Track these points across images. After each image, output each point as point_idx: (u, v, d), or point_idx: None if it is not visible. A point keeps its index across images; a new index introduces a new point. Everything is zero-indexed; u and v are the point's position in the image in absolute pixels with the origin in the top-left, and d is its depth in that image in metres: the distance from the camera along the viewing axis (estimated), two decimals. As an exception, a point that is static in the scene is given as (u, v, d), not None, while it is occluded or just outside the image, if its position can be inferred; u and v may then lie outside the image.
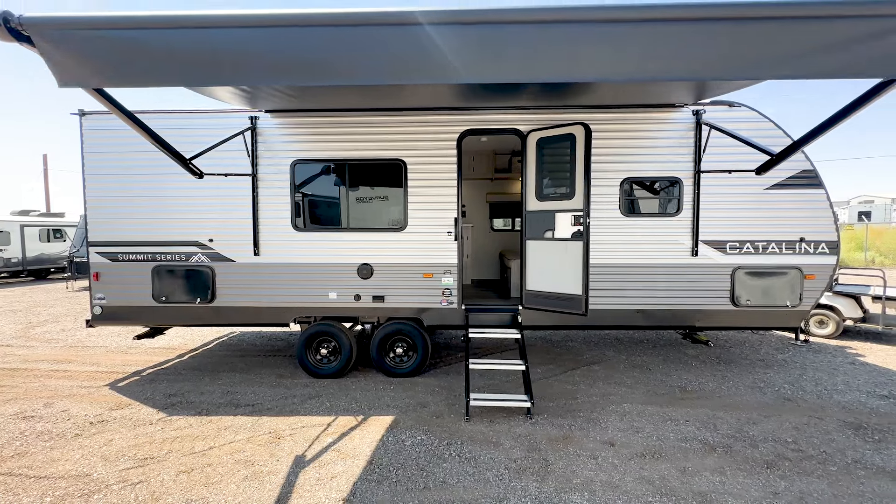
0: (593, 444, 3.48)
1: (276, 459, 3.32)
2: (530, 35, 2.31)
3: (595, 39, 2.29)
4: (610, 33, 2.25)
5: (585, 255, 4.47)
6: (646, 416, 3.98)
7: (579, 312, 4.53)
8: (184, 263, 5.09)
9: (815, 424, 3.76)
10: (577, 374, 5.16)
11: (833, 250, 4.84)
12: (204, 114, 4.97)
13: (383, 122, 4.94)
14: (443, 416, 4.05)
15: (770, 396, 4.40)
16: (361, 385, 4.88)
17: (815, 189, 4.79)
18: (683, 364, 5.44)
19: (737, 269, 4.85)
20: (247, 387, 4.90)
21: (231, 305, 5.12)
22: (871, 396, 4.35)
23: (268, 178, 5.04)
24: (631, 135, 4.85)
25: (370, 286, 5.02)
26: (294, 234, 5.04)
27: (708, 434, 3.62)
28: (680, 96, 4.54)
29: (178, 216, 5.08)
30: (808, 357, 5.66)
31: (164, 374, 5.41)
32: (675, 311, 4.93)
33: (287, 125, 5.01)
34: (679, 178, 4.84)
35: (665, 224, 4.88)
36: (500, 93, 4.50)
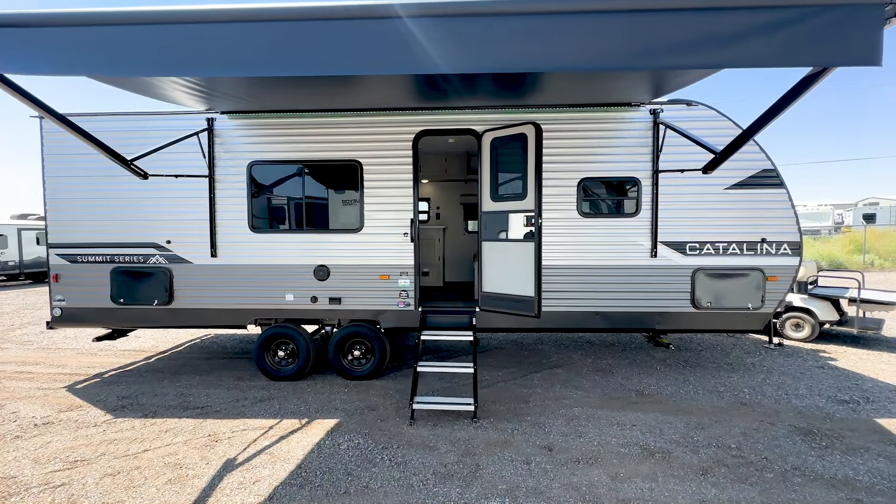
0: (531, 448, 3.41)
1: (207, 463, 3.28)
2: (441, 26, 2.28)
3: (514, 31, 2.25)
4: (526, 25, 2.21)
5: (537, 256, 4.40)
6: (594, 420, 3.90)
7: (532, 314, 4.46)
8: (142, 265, 5.09)
9: (765, 430, 3.65)
10: (537, 377, 5.08)
11: (795, 251, 4.73)
12: (160, 115, 4.99)
13: (339, 123, 4.92)
14: (388, 419, 3.99)
15: (727, 401, 4.30)
16: (317, 388, 4.84)
17: (776, 189, 4.69)
18: (648, 367, 5.34)
19: (697, 271, 4.76)
20: (203, 389, 4.88)
21: (189, 307, 5.11)
22: (830, 401, 4.23)
23: (225, 180, 5.03)
24: (589, 134, 4.79)
25: (326, 288, 4.98)
26: (251, 235, 5.03)
27: (652, 439, 3.52)
28: (635, 95, 4.47)
29: (137, 218, 5.08)
30: (778, 361, 5.54)
31: (125, 376, 5.40)
32: (635, 314, 4.84)
33: (244, 126, 5.01)
34: (637, 178, 4.77)
35: (623, 225, 4.80)
36: (456, 93, 4.46)
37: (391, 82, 4.08)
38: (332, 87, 4.23)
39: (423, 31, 2.27)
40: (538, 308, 4.44)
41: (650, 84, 4.11)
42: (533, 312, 4.45)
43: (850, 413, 3.96)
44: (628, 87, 4.26)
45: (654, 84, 4.09)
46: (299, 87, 4.13)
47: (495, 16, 2.22)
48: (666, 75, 3.77)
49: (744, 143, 3.30)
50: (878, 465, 3.07)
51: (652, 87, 4.22)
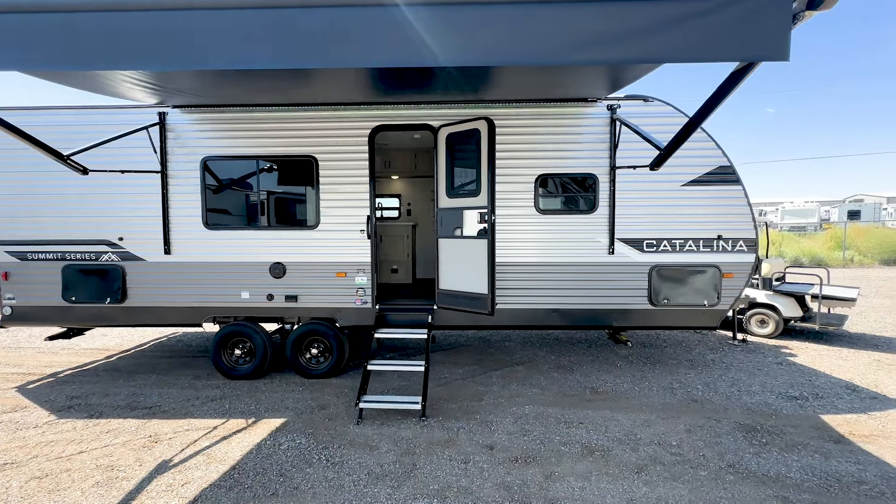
0: (473, 447, 3.38)
1: (140, 465, 3.22)
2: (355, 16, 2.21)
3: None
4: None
5: (491, 253, 4.36)
6: (543, 418, 3.88)
7: (485, 312, 4.43)
8: (94, 263, 4.98)
9: (710, 427, 3.65)
10: (496, 374, 5.05)
11: (751, 248, 4.73)
12: (106, 109, 4.86)
13: (294, 118, 4.83)
14: (337, 418, 3.94)
15: (679, 398, 4.30)
16: (273, 387, 4.78)
17: (732, 185, 4.69)
18: (609, 365, 5.33)
19: (654, 268, 4.75)
20: (156, 388, 4.80)
21: (143, 306, 5.01)
22: (780, 397, 4.24)
23: (178, 175, 4.93)
24: (546, 130, 4.74)
25: (282, 286, 4.91)
26: (205, 232, 4.93)
27: (595, 437, 3.51)
28: (589, 90, 4.43)
29: (88, 214, 4.97)
30: (739, 357, 5.56)
31: (80, 375, 5.30)
32: (593, 311, 4.83)
33: (198, 121, 4.90)
34: (595, 174, 4.73)
35: (581, 222, 4.77)
36: (411, 87, 4.39)
37: (346, 76, 4.00)
38: (287, 81, 4.14)
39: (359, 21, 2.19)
40: (491, 306, 4.40)
41: (603, 79, 4.07)
42: (486, 310, 4.41)
43: (796, 409, 3.98)
44: (582, 83, 4.22)
45: (607, 79, 4.05)
46: (252, 80, 4.04)
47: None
48: (615, 70, 3.73)
49: (684, 140, 3.26)
50: (812, 462, 3.08)
51: (606, 83, 4.18)
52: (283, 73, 3.84)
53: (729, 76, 2.58)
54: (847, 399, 4.18)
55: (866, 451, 3.21)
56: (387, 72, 3.90)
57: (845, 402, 4.12)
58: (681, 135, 3.30)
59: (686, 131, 3.22)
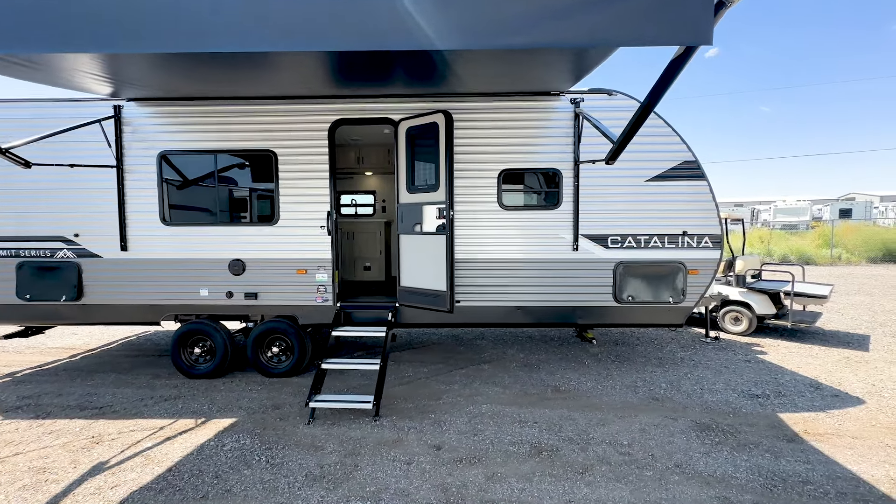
0: (420, 448, 3.30)
1: (74, 467, 3.12)
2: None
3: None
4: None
5: (449, 249, 4.28)
6: (498, 417, 3.80)
7: (444, 309, 4.35)
8: (49, 259, 4.87)
9: (665, 426, 3.59)
10: (461, 373, 4.98)
11: (717, 244, 4.67)
12: (59, 102, 4.74)
13: (253, 112, 4.73)
14: (288, 418, 3.86)
15: (640, 396, 4.24)
16: (231, 386, 4.69)
17: (697, 181, 4.62)
18: (577, 362, 5.27)
19: (619, 264, 4.68)
20: (113, 388, 4.70)
21: (100, 303, 4.90)
22: (742, 396, 4.18)
23: (135, 170, 4.81)
24: (510, 124, 4.65)
25: (242, 283, 4.81)
26: (163, 228, 4.83)
27: (547, 436, 3.44)
28: (551, 82, 4.34)
29: (42, 210, 4.84)
30: (709, 355, 5.50)
31: (39, 375, 5.19)
32: (557, 308, 4.75)
33: (154, 114, 4.79)
34: (559, 169, 4.65)
35: (545, 217, 4.70)
36: (371, 80, 4.29)
37: (304, 68, 3.89)
38: (243, 72, 4.02)
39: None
40: (451, 303, 4.32)
41: (561, 70, 3.97)
42: (445, 307, 4.33)
43: (756, 408, 3.92)
44: (540, 74, 4.12)
45: (565, 70, 3.95)
46: (209, 70, 3.92)
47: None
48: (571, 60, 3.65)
49: (634, 133, 3.18)
50: (761, 462, 3.02)
51: (565, 74, 4.08)
52: (245, 63, 3.73)
53: (670, 62, 2.51)
54: (808, 397, 4.13)
55: (818, 450, 3.15)
56: (345, 63, 3.80)
57: (806, 399, 4.07)
58: (631, 127, 3.22)
59: (636, 123, 3.14)
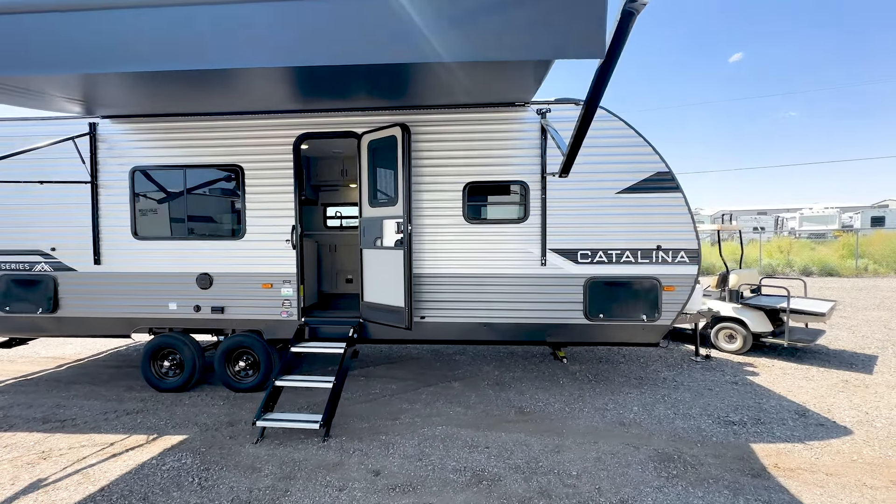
0: (358, 473, 3.18)
1: (13, 483, 3.13)
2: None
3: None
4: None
5: (407, 264, 4.18)
6: (450, 441, 3.65)
7: (402, 326, 4.24)
8: (27, 273, 5.00)
9: (624, 455, 3.36)
10: (428, 391, 4.84)
11: (693, 259, 4.42)
12: (35, 121, 4.89)
13: (220, 127, 4.77)
14: (239, 436, 3.80)
15: (607, 420, 4.01)
16: (196, 400, 4.68)
17: (671, 193, 4.40)
18: (551, 382, 5.05)
19: (589, 280, 4.48)
20: (83, 400, 4.75)
21: (75, 316, 4.99)
22: (717, 422, 3.90)
23: (110, 185, 4.92)
24: (475, 136, 4.55)
25: (209, 297, 4.82)
26: (134, 242, 4.90)
27: (493, 464, 3.27)
28: (514, 93, 4.23)
29: (22, 224, 4.99)
30: (695, 375, 5.20)
31: (20, 385, 5.31)
32: (525, 326, 4.58)
33: (128, 131, 4.89)
34: (525, 181, 4.51)
35: (512, 231, 4.55)
36: (335, 93, 4.28)
37: (269, 82, 3.88)
38: (211, 89, 4.05)
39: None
40: (409, 320, 4.21)
41: (521, 81, 3.86)
42: (403, 324, 4.22)
43: (728, 436, 3.64)
44: (505, 85, 4.02)
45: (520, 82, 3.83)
46: (176, 88, 3.96)
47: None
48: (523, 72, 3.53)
49: (579, 145, 3.03)
50: (716, 499, 2.77)
51: (527, 85, 3.96)
52: (211, 80, 3.76)
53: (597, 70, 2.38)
54: (790, 425, 3.82)
55: (783, 488, 2.88)
56: (308, 78, 3.78)
57: (786, 428, 3.76)
58: (575, 139, 3.08)
59: (577, 136, 3.00)
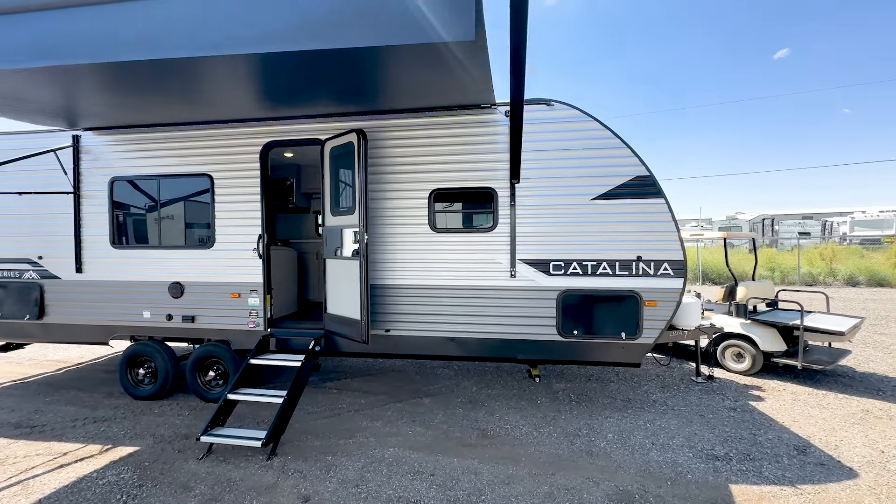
0: (286, 498, 3.00)
1: (-45, 491, 3.17)
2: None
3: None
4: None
5: (364, 275, 4.00)
6: (397, 465, 3.42)
7: (359, 340, 4.05)
8: (16, 280, 5.19)
9: (580, 491, 3.02)
10: (396, 407, 4.62)
11: (678, 272, 4.00)
12: (22, 135, 5.09)
13: (191, 137, 4.80)
14: (188, 450, 3.72)
15: (575, 448, 3.65)
16: (166, 409, 4.67)
17: (652, 199, 4.01)
18: (528, 401, 4.71)
19: (563, 294, 4.15)
20: (61, 405, 4.85)
21: (59, 323, 5.13)
22: (698, 456, 3.47)
23: (91, 196, 5.04)
24: (441, 141, 4.34)
25: (180, 305, 4.83)
26: (112, 251, 4.99)
27: (432, 494, 3.00)
28: (477, 95, 3.99)
29: (13, 234, 5.20)
30: (691, 399, 4.72)
31: (14, 388, 5.50)
32: (494, 341, 4.29)
33: (108, 143, 5.00)
34: (494, 188, 4.25)
35: (479, 240, 4.29)
36: (298, 100, 4.20)
37: (235, 89, 3.84)
38: (178, 97, 4.05)
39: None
40: (365, 333, 4.02)
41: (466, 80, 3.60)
42: (360, 338, 4.04)
43: (707, 474, 3.21)
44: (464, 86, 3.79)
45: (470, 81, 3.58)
46: (142, 97, 3.98)
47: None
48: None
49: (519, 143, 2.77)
50: (668, 554, 2.41)
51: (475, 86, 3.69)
52: (178, 88, 3.75)
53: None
54: (784, 464, 3.33)
55: (754, 543, 2.47)
56: (269, 81, 3.70)
57: (779, 467, 3.28)
58: (512, 141, 2.83)
59: (514, 135, 2.75)
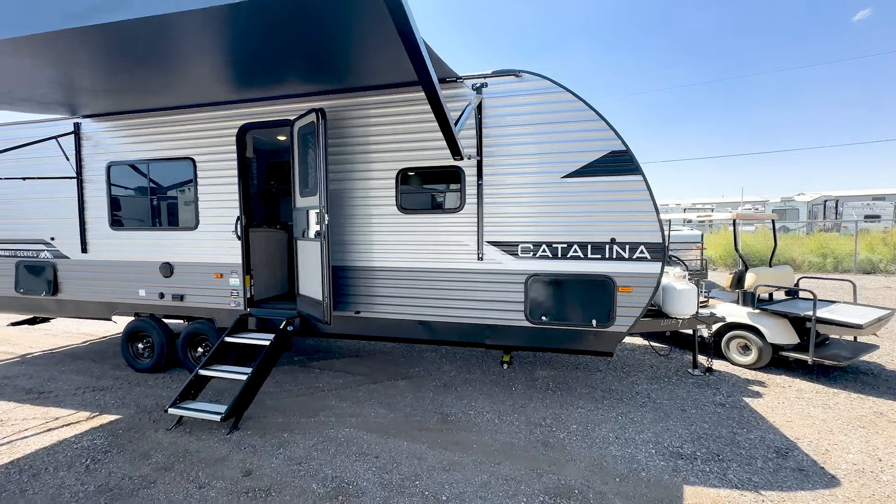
0: (231, 471, 3.09)
1: (-48, 447, 3.51)
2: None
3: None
4: None
5: (326, 256, 3.98)
6: (349, 445, 3.43)
7: (323, 321, 4.06)
8: (35, 259, 5.63)
9: (519, 482, 2.89)
10: (368, 388, 4.64)
11: (656, 255, 3.68)
12: (26, 125, 5.42)
13: (175, 121, 4.93)
14: (161, 421, 3.92)
15: (532, 439, 3.50)
16: (160, 382, 4.95)
17: (628, 175, 3.68)
18: (503, 388, 4.58)
19: (531, 278, 3.94)
20: (72, 375, 5.26)
21: (70, 299, 5.54)
22: (661, 453, 3.22)
23: (92, 180, 5.33)
24: (407, 118, 4.19)
25: (171, 285, 5.06)
26: (111, 232, 5.28)
27: (369, 477, 2.98)
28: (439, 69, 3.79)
29: (30, 217, 5.62)
30: (678, 392, 4.39)
31: (41, 358, 6.01)
32: (462, 326, 4.18)
33: (105, 129, 5.24)
34: (460, 166, 4.07)
35: (446, 222, 4.15)
36: (270, 80, 4.19)
37: (205, 69, 3.87)
38: (154, 79, 4.12)
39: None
40: (328, 314, 4.03)
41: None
42: (324, 318, 4.05)
43: (664, 473, 2.97)
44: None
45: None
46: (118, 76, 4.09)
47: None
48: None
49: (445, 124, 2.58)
50: (584, 555, 2.25)
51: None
52: (151, 69, 3.81)
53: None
54: (755, 467, 3.02)
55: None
56: (238, 58, 3.68)
57: (748, 470, 2.98)
58: (437, 115, 2.65)
59: (436, 109, 2.57)
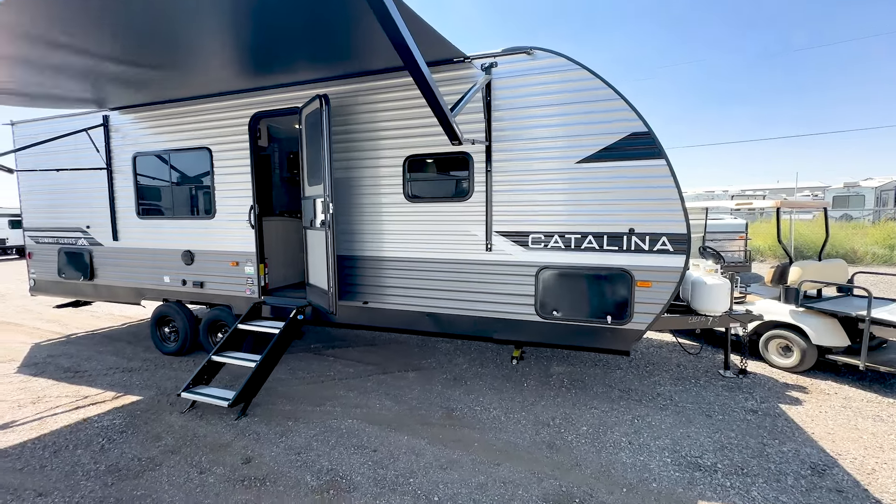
0: (232, 458, 3.13)
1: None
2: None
3: None
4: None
5: (331, 246, 3.93)
6: (348, 436, 3.39)
7: (329, 310, 4.03)
8: (73, 246, 5.97)
9: (517, 486, 2.73)
10: (378, 379, 4.60)
11: (680, 247, 3.35)
12: (60, 119, 5.68)
13: (193, 112, 5.01)
14: (177, 404, 4.04)
15: (537, 440, 3.32)
16: (183, 365, 5.14)
17: (651, 160, 3.35)
18: (514, 384, 4.41)
19: (542, 270, 3.72)
20: (108, 356, 5.57)
21: (104, 284, 5.85)
22: (677, 463, 2.95)
23: (121, 171, 5.55)
24: (414, 103, 4.00)
25: (192, 272, 5.21)
26: (138, 221, 5.49)
27: (364, 471, 2.92)
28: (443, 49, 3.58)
29: (69, 206, 5.95)
30: (704, 395, 4.05)
31: (83, 339, 6.42)
32: (470, 319, 4.02)
33: (132, 121, 5.42)
34: (469, 152, 3.86)
35: (454, 210, 3.98)
36: (280, 67, 4.16)
37: (217, 58, 3.89)
38: (172, 70, 4.20)
39: None
40: (333, 304, 3.98)
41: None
42: (329, 308, 4.01)
43: (677, 486, 2.72)
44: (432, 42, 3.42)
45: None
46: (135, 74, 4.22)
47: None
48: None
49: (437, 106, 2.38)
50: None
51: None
52: (161, 60, 3.88)
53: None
54: (785, 484, 2.70)
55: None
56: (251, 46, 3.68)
57: (776, 488, 2.67)
58: (426, 97, 2.47)
59: (424, 91, 2.40)
